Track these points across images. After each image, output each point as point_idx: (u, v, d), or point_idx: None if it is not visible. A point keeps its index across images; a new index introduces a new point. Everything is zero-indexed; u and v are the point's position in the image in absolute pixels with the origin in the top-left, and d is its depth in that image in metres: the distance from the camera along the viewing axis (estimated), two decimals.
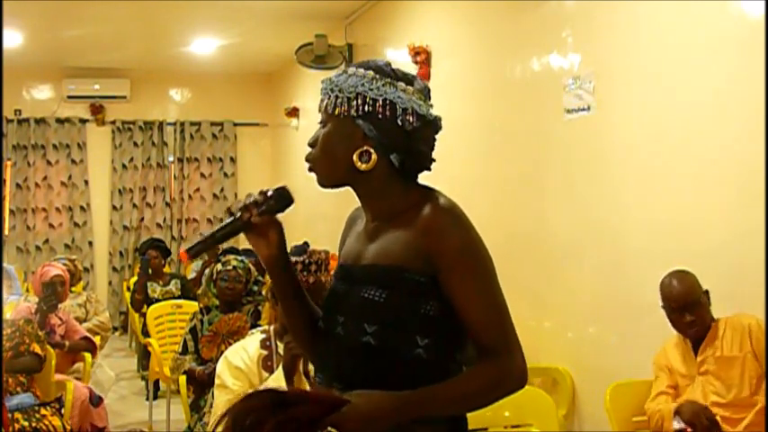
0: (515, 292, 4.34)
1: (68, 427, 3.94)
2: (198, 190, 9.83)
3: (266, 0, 6.49)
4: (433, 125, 1.60)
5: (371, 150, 1.55)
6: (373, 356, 1.52)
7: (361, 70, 1.57)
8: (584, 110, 3.86)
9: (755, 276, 2.83)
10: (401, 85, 1.57)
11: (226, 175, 9.84)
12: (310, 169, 1.62)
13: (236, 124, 9.87)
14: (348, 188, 1.64)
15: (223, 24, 7.35)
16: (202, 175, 9.83)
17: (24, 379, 3.99)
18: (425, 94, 1.61)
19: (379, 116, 1.54)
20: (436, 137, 1.62)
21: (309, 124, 8.50)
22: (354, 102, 1.55)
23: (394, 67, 1.61)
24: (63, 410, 3.98)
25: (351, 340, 1.55)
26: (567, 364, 4.05)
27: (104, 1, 6.40)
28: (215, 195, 9.82)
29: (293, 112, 8.74)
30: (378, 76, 1.56)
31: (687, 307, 2.92)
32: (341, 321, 1.58)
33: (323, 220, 7.05)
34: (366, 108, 1.54)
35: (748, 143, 2.92)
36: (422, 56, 5.39)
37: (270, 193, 1.59)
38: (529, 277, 4.33)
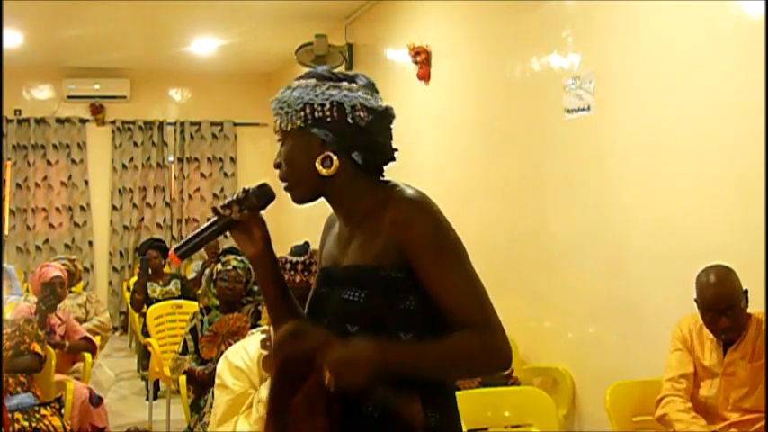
0: (515, 292, 4.37)
1: (68, 427, 3.94)
2: (198, 190, 9.83)
3: (266, 0, 6.49)
4: (386, 115, 1.62)
5: (332, 155, 1.57)
6: None
7: (303, 81, 1.61)
8: (584, 110, 3.86)
9: (756, 276, 2.83)
10: (344, 84, 1.60)
11: (226, 175, 9.84)
12: (286, 189, 1.64)
13: (236, 124, 9.87)
14: None
15: (223, 24, 7.35)
16: (202, 175, 9.83)
17: (24, 379, 3.98)
18: (371, 88, 1.63)
19: (330, 119, 1.56)
20: (392, 126, 1.64)
21: None
22: (302, 112, 1.57)
23: (332, 70, 1.64)
24: (63, 410, 3.98)
25: None
26: (567, 364, 4.05)
27: (104, 1, 6.40)
28: (215, 195, 9.81)
29: None
30: (320, 83, 1.60)
31: (726, 311, 2.75)
32: (325, 324, 1.59)
33: (322, 220, 7.04)
34: (316, 115, 1.57)
35: (748, 143, 2.92)
36: (422, 56, 5.39)
37: (250, 190, 1.62)
38: (529, 277, 4.33)
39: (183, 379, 4.12)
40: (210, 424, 2.79)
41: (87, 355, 4.78)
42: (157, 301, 6.13)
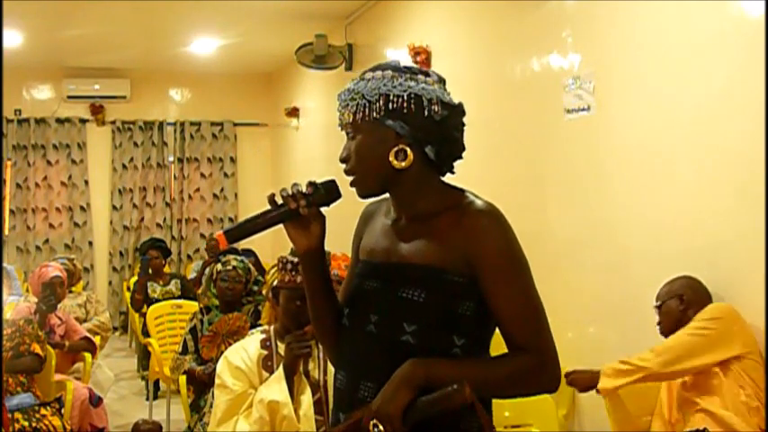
0: None
1: (68, 427, 3.94)
2: (198, 190, 9.83)
3: (266, 0, 6.49)
4: (460, 111, 1.61)
5: (406, 148, 1.55)
6: (411, 356, 1.51)
7: (379, 72, 1.57)
8: (584, 110, 3.86)
9: (755, 276, 2.83)
10: (421, 78, 1.57)
11: (226, 175, 9.83)
12: (352, 184, 1.60)
13: (236, 124, 9.87)
14: (346, 189, 1.63)
15: (223, 24, 7.35)
16: (202, 175, 9.83)
17: (24, 379, 3.98)
18: (444, 83, 1.62)
19: (407, 111, 1.53)
20: (465, 121, 1.62)
21: (309, 124, 8.49)
22: (379, 103, 1.54)
23: (409, 65, 1.61)
24: (63, 410, 3.98)
25: (387, 339, 1.54)
26: (567, 364, 4.04)
27: (104, 1, 6.40)
28: (215, 195, 9.82)
29: (293, 112, 8.74)
30: (397, 74, 1.56)
31: (657, 307, 3.12)
32: (374, 320, 1.57)
33: (327, 219, 7.04)
34: (392, 106, 1.53)
35: (748, 143, 2.92)
36: (422, 56, 5.39)
37: (319, 185, 1.58)
38: None
39: (182, 379, 4.12)
40: (210, 424, 2.79)
41: (87, 355, 4.78)
42: (157, 301, 6.13)
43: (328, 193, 1.58)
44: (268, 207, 1.58)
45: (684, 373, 2.88)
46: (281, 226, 1.62)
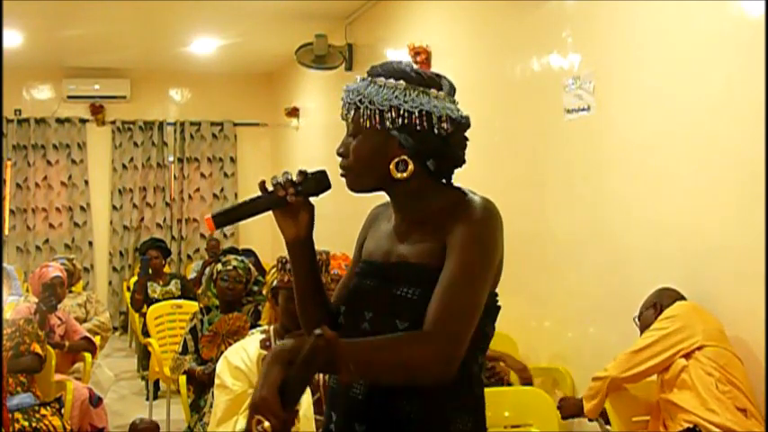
0: (515, 291, 4.36)
1: (68, 427, 3.94)
2: (198, 190, 9.83)
3: (266, 0, 6.49)
4: (465, 126, 1.60)
5: (408, 159, 1.54)
6: None
7: (392, 81, 1.54)
8: (584, 110, 3.86)
9: (755, 276, 2.83)
10: (433, 92, 1.56)
11: (226, 175, 9.83)
12: (346, 179, 1.60)
13: (236, 124, 9.87)
14: (344, 189, 1.64)
15: (223, 24, 7.35)
16: (202, 175, 9.83)
17: (24, 379, 3.99)
18: (454, 94, 1.61)
19: (416, 127, 1.52)
20: (467, 135, 1.61)
21: (309, 124, 8.50)
22: (388, 114, 1.52)
23: (416, 69, 1.59)
24: (63, 410, 3.98)
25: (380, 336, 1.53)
26: (567, 364, 4.05)
27: (104, 1, 6.40)
28: (215, 195, 9.82)
29: (293, 112, 8.74)
30: (410, 86, 1.54)
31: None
32: (368, 317, 1.56)
33: (323, 220, 7.01)
34: (401, 120, 1.52)
35: (748, 143, 2.92)
36: (422, 56, 5.38)
37: (309, 175, 1.58)
38: (529, 277, 4.33)
39: (183, 379, 4.12)
40: (210, 424, 2.79)
41: (87, 355, 4.78)
42: (157, 301, 6.13)
43: (318, 183, 1.58)
44: (259, 194, 1.59)
45: (644, 374, 2.96)
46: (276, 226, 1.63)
